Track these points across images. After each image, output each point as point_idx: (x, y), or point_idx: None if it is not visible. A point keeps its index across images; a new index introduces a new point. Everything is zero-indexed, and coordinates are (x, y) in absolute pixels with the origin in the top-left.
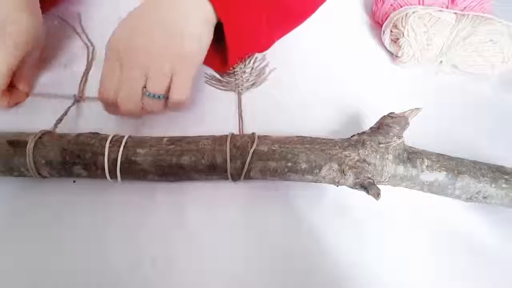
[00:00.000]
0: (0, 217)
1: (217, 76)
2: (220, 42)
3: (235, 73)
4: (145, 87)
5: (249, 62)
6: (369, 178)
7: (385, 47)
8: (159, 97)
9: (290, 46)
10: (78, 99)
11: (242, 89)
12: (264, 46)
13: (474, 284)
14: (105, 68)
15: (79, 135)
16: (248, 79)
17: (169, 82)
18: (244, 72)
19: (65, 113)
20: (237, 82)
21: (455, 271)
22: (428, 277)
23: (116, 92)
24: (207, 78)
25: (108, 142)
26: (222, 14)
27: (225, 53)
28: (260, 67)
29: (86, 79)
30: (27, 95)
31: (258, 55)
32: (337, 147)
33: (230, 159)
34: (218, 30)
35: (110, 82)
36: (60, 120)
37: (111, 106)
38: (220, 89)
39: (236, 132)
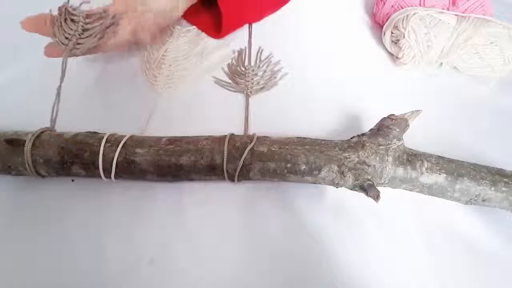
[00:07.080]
0: None
1: (227, 77)
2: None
3: (247, 75)
4: None
5: (262, 65)
6: (369, 180)
7: (385, 48)
8: None
9: (290, 47)
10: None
11: (251, 92)
12: (254, 15)
13: (474, 284)
14: None
15: (77, 134)
16: (259, 82)
17: None
18: (256, 74)
19: (55, 111)
20: (247, 84)
21: (454, 271)
22: (428, 277)
23: None
24: (216, 78)
25: (104, 141)
26: None
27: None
28: (272, 71)
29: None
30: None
31: (272, 59)
32: (337, 148)
33: (229, 160)
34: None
35: None
36: (54, 119)
37: None
38: (229, 90)
39: (241, 133)
